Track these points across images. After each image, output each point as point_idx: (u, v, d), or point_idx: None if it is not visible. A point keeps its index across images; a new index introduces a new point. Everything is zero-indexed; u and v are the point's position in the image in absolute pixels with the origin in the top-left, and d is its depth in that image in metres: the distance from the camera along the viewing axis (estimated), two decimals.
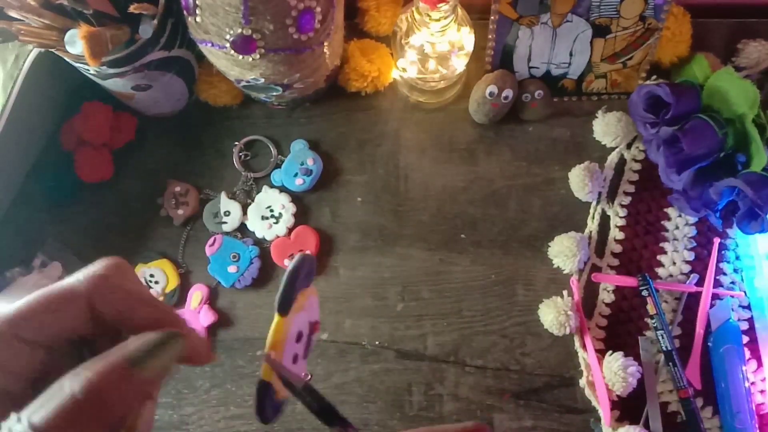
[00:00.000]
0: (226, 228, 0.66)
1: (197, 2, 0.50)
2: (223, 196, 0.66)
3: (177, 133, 0.69)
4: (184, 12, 0.52)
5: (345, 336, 0.64)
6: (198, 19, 0.51)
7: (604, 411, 0.60)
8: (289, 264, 0.28)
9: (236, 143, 0.68)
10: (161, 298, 0.65)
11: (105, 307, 0.25)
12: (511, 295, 0.65)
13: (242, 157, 0.68)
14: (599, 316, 0.64)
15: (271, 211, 0.66)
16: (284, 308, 0.29)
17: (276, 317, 0.29)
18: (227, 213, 0.66)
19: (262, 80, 0.57)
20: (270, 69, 0.55)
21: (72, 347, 0.26)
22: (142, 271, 0.65)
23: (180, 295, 0.65)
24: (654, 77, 0.67)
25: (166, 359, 0.23)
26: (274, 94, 0.61)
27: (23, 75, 0.58)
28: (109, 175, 0.67)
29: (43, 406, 0.20)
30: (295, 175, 0.66)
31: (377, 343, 0.64)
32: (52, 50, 0.53)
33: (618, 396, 0.61)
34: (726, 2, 0.70)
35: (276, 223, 0.66)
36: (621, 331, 0.64)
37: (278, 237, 0.65)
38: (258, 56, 0.52)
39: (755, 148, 0.57)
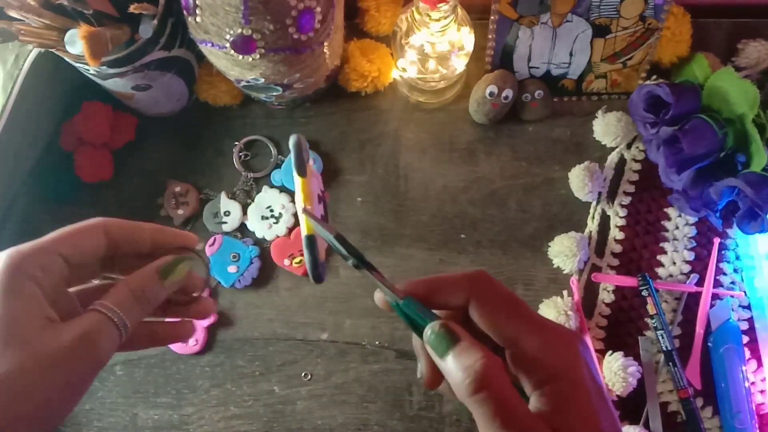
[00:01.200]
0: (226, 228, 0.66)
1: (197, 2, 0.50)
2: (223, 196, 0.66)
3: (177, 133, 0.69)
4: (184, 12, 0.52)
5: (345, 336, 0.64)
6: (198, 19, 0.51)
7: None
8: (291, 152, 0.35)
9: (236, 143, 0.68)
10: None
11: (117, 231, 0.36)
12: None
13: (242, 157, 0.68)
14: (599, 316, 0.64)
15: (271, 211, 0.66)
16: (302, 169, 0.35)
17: (299, 180, 0.35)
18: (227, 213, 0.66)
19: (262, 80, 0.57)
20: (270, 69, 0.55)
21: (94, 269, 0.37)
22: None
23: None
24: (654, 77, 0.67)
25: (182, 273, 0.36)
26: (274, 94, 0.61)
27: (23, 75, 0.58)
28: (109, 175, 0.67)
29: (112, 294, 0.34)
30: None
31: (377, 343, 0.64)
32: (52, 50, 0.53)
33: (618, 396, 0.61)
34: (726, 2, 0.70)
35: (276, 223, 0.66)
36: (621, 331, 0.64)
37: (278, 237, 0.65)
38: (258, 56, 0.52)
39: (755, 148, 0.57)
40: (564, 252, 0.62)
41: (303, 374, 0.63)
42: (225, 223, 0.66)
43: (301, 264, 0.64)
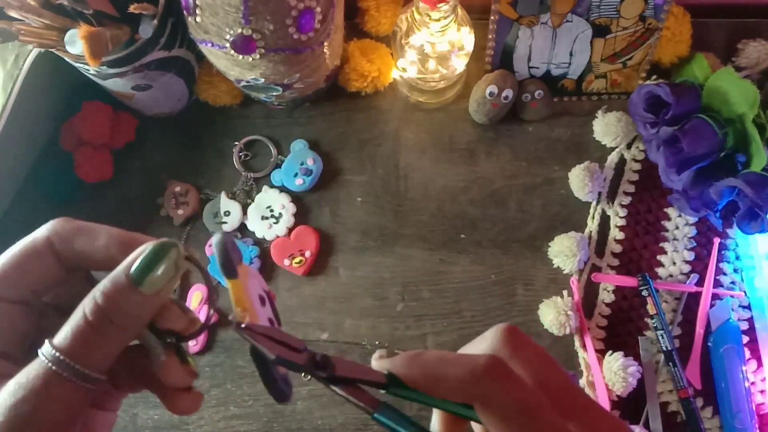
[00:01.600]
0: (226, 228, 0.66)
1: (197, 2, 0.50)
2: (223, 196, 0.66)
3: (177, 133, 0.69)
4: (184, 12, 0.52)
5: (345, 336, 0.64)
6: (198, 19, 0.51)
7: None
8: (214, 247, 0.27)
9: (236, 143, 0.68)
10: None
11: (68, 246, 0.26)
12: (511, 295, 0.65)
13: (242, 157, 0.68)
14: (599, 316, 0.64)
15: (271, 211, 0.66)
16: (229, 270, 0.27)
17: (228, 283, 0.27)
18: (227, 213, 0.66)
19: (262, 80, 0.57)
20: (270, 69, 0.55)
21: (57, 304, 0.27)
22: None
23: (180, 295, 0.65)
24: (654, 77, 0.67)
25: (165, 272, 0.24)
26: (274, 94, 0.61)
27: (23, 75, 0.58)
28: (109, 175, 0.67)
29: (64, 329, 0.23)
30: (295, 175, 0.66)
31: (377, 343, 0.64)
32: (52, 50, 0.53)
33: (618, 396, 0.61)
34: (726, 2, 0.70)
35: (276, 223, 0.66)
36: (621, 331, 0.64)
37: (278, 237, 0.66)
38: (258, 56, 0.52)
39: (755, 148, 0.57)
40: (564, 252, 0.62)
41: (302, 374, 0.63)
42: (225, 223, 0.66)
43: (301, 264, 0.64)
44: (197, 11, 0.51)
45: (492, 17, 0.63)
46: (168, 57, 0.58)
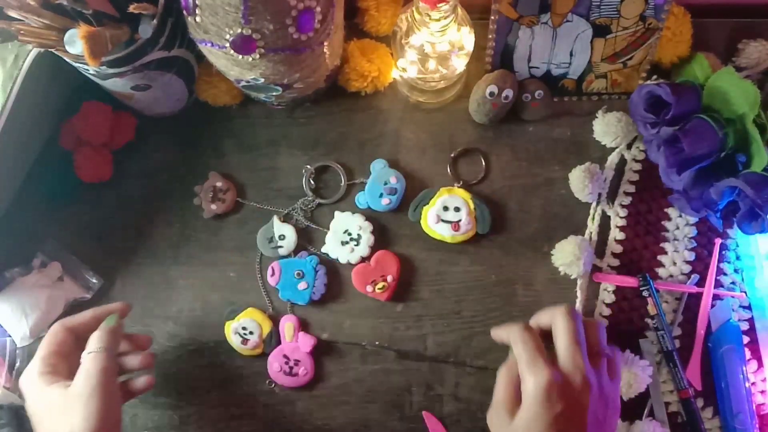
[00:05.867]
0: (282, 252, 0.65)
1: (197, 2, 0.50)
2: (275, 219, 0.65)
3: (177, 133, 0.69)
4: (184, 12, 0.52)
5: (345, 336, 0.64)
6: (198, 18, 0.51)
7: None
8: None
9: (307, 166, 0.66)
10: (259, 349, 0.63)
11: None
12: (511, 295, 0.65)
13: (312, 183, 0.66)
14: (600, 317, 0.64)
15: (349, 234, 0.65)
16: None
17: None
18: (282, 237, 0.65)
19: (262, 80, 0.57)
20: (270, 69, 0.55)
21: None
22: (233, 327, 0.63)
23: (275, 335, 0.64)
24: (654, 77, 0.67)
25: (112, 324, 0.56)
26: (274, 94, 0.61)
27: (23, 75, 0.58)
28: (108, 175, 0.67)
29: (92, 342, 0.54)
30: (380, 195, 0.65)
31: (377, 343, 0.64)
32: (52, 50, 0.53)
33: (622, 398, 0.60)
34: (726, 2, 0.70)
35: (357, 245, 0.64)
36: (622, 331, 0.63)
37: (361, 261, 0.64)
38: (258, 56, 0.52)
39: (756, 148, 0.57)
40: (569, 258, 0.62)
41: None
42: (281, 247, 0.65)
43: (383, 290, 0.63)
44: (197, 11, 0.51)
45: (492, 17, 0.63)
46: (168, 57, 0.58)
